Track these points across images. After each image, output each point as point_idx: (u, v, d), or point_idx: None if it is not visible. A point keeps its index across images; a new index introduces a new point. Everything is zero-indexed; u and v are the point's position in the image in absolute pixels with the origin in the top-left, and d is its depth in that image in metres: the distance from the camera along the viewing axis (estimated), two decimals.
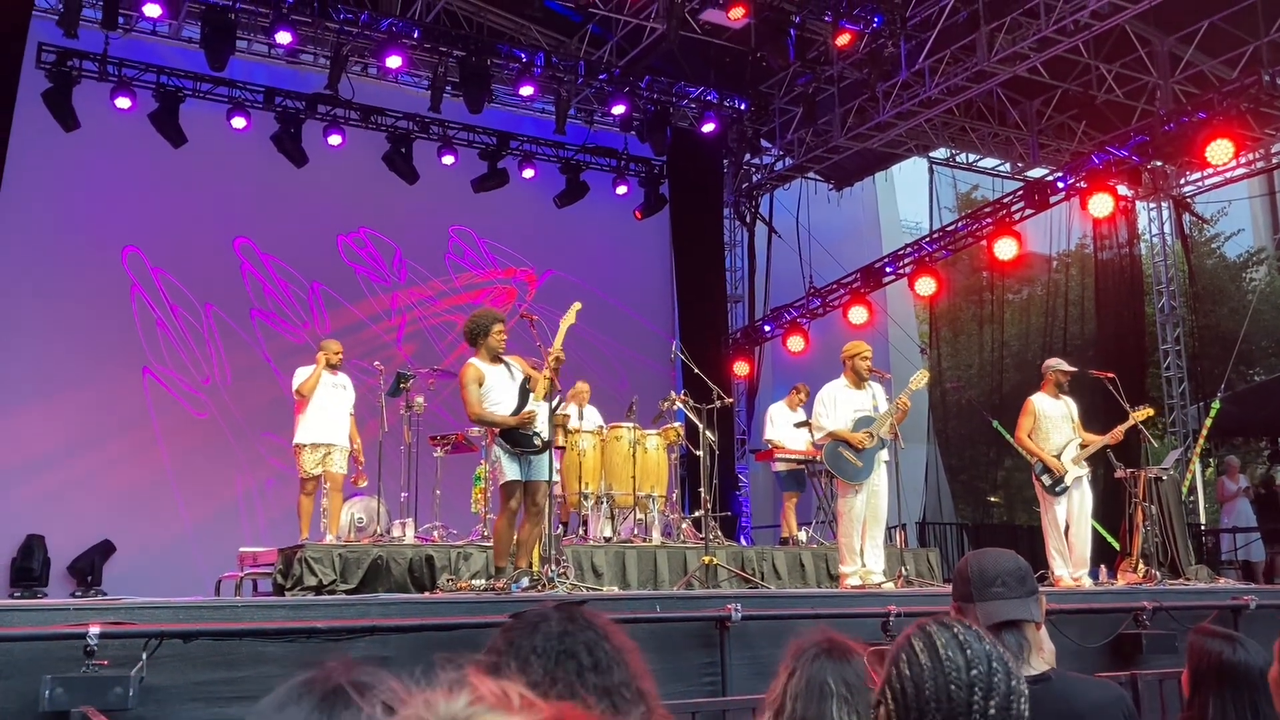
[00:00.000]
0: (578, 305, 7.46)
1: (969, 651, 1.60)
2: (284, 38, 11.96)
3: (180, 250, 12.67)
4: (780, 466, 10.90)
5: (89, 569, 11.37)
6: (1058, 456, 8.45)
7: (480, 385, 6.96)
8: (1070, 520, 8.47)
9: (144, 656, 4.35)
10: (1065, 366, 8.69)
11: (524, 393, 6.97)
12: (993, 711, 1.54)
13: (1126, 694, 2.72)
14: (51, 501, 11.33)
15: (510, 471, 6.85)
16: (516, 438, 6.89)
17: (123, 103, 12.20)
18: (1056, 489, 8.46)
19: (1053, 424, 8.55)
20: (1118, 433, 8.70)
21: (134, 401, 12.24)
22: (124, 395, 12.18)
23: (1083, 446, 8.53)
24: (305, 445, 8.66)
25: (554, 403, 7.24)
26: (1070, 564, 8.36)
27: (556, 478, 7.10)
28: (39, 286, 11.77)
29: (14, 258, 11.24)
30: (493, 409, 6.93)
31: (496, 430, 6.95)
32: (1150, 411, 8.89)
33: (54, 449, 11.56)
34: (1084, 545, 8.44)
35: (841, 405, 8.04)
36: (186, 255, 12.71)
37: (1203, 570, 9.47)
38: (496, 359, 7.09)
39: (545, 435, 6.91)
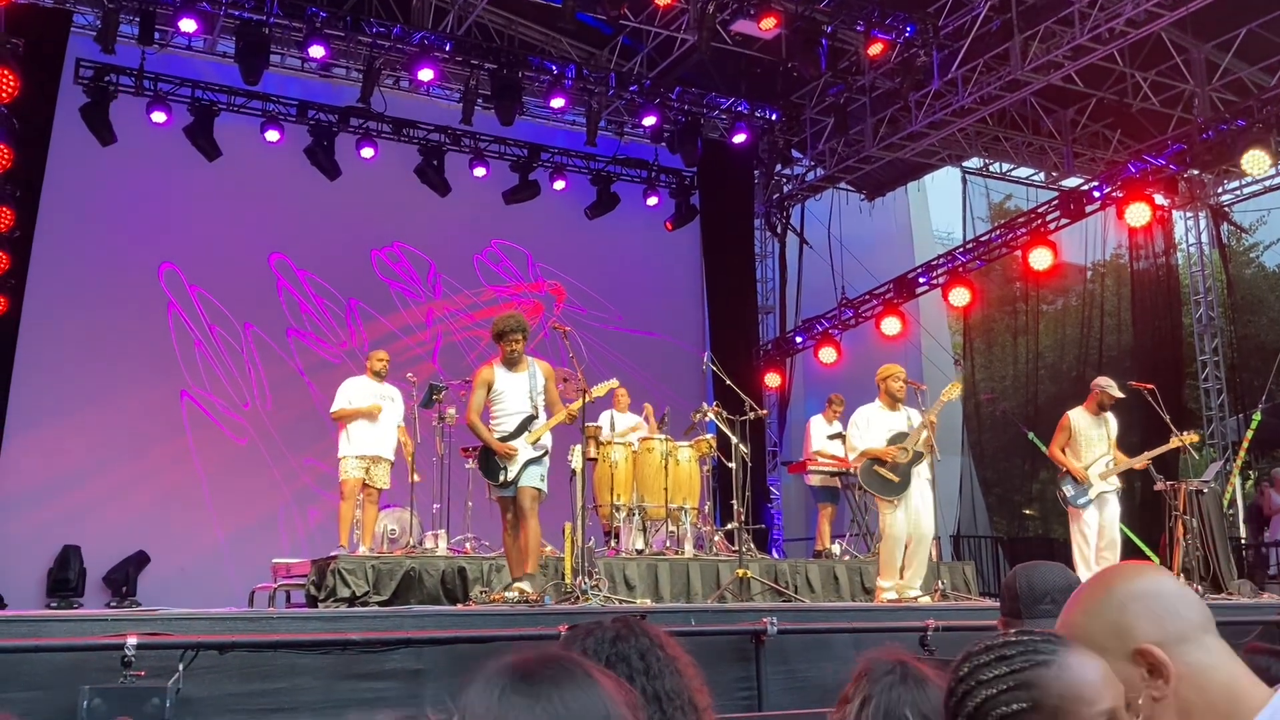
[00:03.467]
0: (614, 383, 7.80)
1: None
2: (317, 51, 12.04)
3: (217, 266, 12.76)
4: (815, 480, 10.83)
5: (124, 580, 11.45)
6: (1085, 470, 8.38)
7: (489, 389, 7.03)
8: (1099, 534, 8.38)
9: (180, 668, 4.35)
10: (1115, 391, 8.50)
11: (525, 423, 6.99)
12: None
13: None
14: (87, 513, 11.43)
15: (495, 490, 7.06)
16: (487, 463, 7.01)
17: (158, 117, 12.33)
18: (1079, 501, 8.37)
19: (1087, 441, 8.47)
20: (1145, 460, 8.59)
21: (170, 415, 12.33)
22: (160, 409, 12.27)
23: (1109, 465, 8.41)
24: (349, 457, 8.70)
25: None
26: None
27: (543, 485, 7.06)
28: (77, 300, 11.88)
29: (51, 271, 11.35)
30: (499, 420, 7.03)
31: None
32: (1196, 437, 8.74)
33: (90, 461, 11.67)
34: (1114, 559, 8.32)
35: (875, 427, 7.97)
36: (223, 272, 12.79)
37: (1245, 585, 9.29)
38: (518, 364, 7.09)
39: (512, 475, 6.93)
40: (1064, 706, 1.31)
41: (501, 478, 6.94)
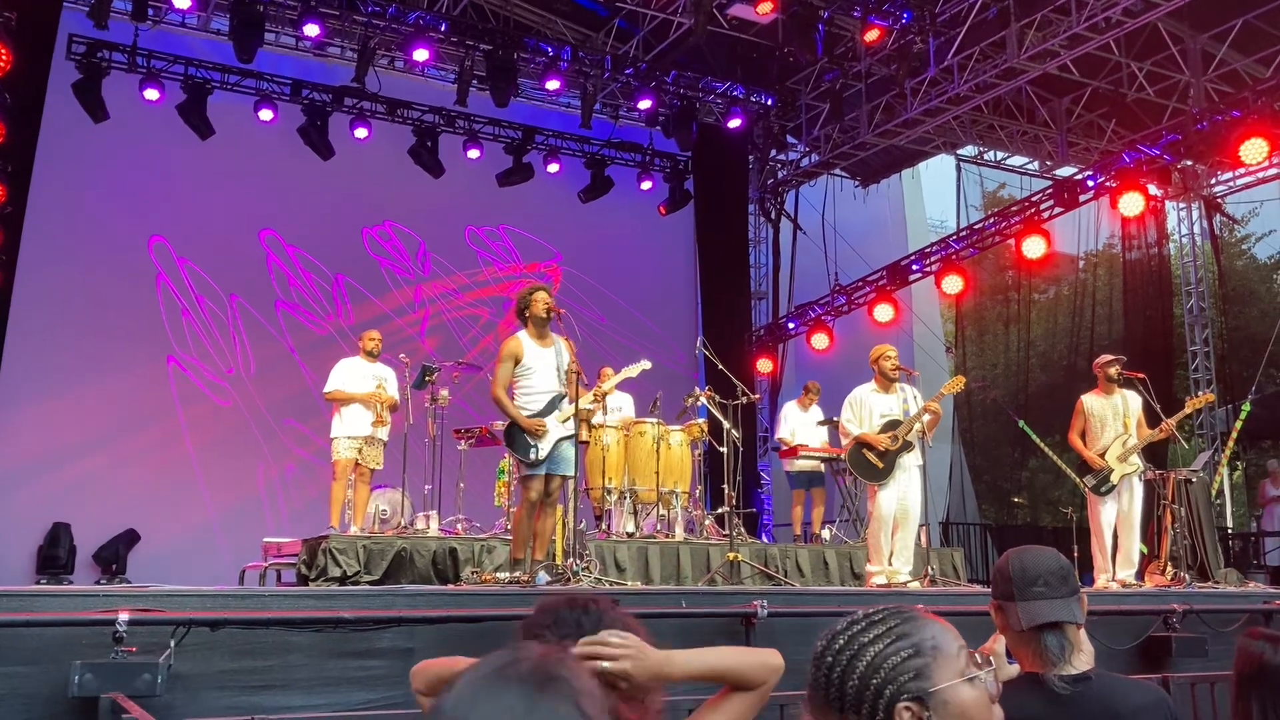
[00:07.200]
0: (646, 364, 7.69)
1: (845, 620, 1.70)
2: (312, 30, 12.00)
3: (206, 241, 12.74)
4: (796, 465, 10.84)
5: (114, 557, 11.45)
6: (1102, 455, 8.31)
7: (517, 363, 6.80)
8: (1117, 520, 8.32)
9: (172, 644, 4.35)
10: (1110, 356, 8.59)
11: (553, 402, 6.84)
12: (831, 658, 1.62)
13: (1168, 696, 2.67)
14: (78, 490, 11.41)
15: (524, 468, 6.82)
16: (515, 440, 6.76)
17: (151, 94, 12.26)
18: (1102, 489, 8.27)
19: (1101, 423, 8.36)
20: (1168, 425, 8.46)
21: (159, 391, 12.31)
22: (150, 385, 12.24)
23: (1125, 445, 8.32)
24: (341, 437, 8.69)
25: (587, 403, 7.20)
26: (1114, 566, 8.23)
27: (572, 471, 6.98)
28: (67, 276, 11.84)
29: (42, 247, 11.29)
30: (527, 397, 6.81)
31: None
32: (1210, 397, 8.66)
33: (80, 438, 11.64)
34: (1131, 545, 8.29)
35: (869, 409, 7.97)
36: (212, 246, 12.77)
37: (1232, 574, 9.34)
38: (544, 338, 6.91)
39: (543, 454, 6.73)
40: (938, 645, 1.58)
41: (533, 456, 6.70)
